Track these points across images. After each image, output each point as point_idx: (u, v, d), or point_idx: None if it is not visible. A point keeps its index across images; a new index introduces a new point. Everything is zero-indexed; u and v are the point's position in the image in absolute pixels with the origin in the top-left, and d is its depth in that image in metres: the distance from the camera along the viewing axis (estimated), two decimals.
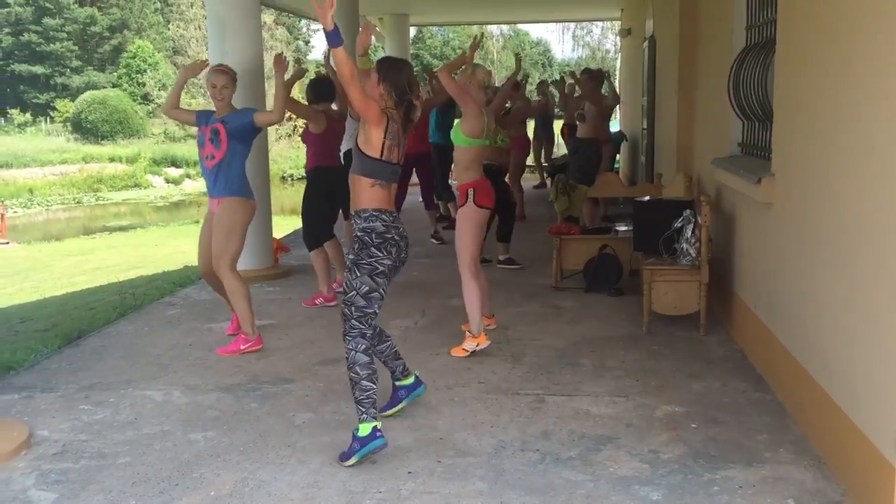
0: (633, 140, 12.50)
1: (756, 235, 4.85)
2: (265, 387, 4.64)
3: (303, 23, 46.56)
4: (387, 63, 3.80)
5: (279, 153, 33.28)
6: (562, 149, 14.79)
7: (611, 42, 35.80)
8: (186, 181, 34.47)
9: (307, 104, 6.55)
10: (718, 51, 6.02)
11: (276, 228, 8.43)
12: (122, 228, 23.67)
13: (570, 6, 17.22)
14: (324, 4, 3.44)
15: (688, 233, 5.42)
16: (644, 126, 10.78)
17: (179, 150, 36.26)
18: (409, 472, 3.52)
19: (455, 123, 5.22)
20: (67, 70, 44.20)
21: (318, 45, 52.92)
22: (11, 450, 3.77)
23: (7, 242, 21.12)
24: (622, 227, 7.03)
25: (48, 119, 40.66)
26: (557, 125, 13.99)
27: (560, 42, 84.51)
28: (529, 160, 12.69)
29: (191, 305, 6.64)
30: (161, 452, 3.79)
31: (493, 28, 49.06)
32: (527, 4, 15.97)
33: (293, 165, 34.68)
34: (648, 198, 6.41)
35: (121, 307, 6.82)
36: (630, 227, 6.55)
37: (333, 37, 3.53)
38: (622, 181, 9.25)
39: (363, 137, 3.73)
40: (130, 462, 3.69)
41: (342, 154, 7.00)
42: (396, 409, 4.13)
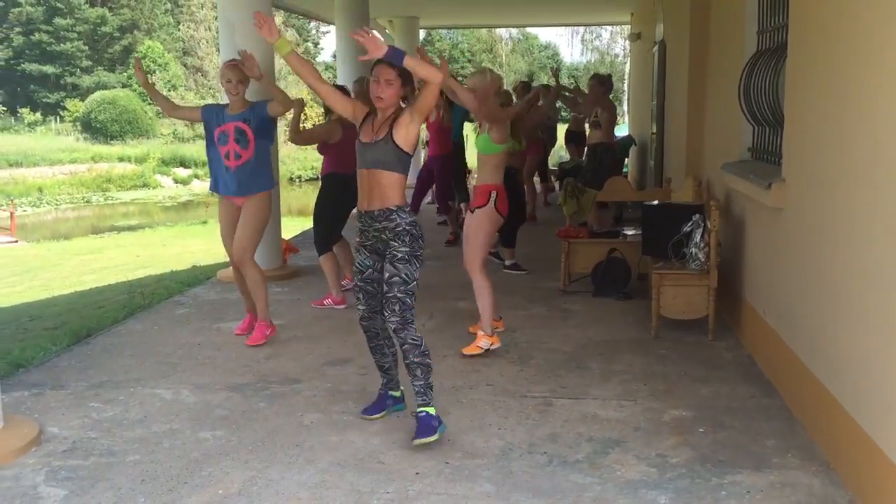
0: (643, 144, 12.49)
1: (765, 240, 4.85)
2: (273, 386, 4.65)
3: (312, 25, 46.67)
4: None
5: (287, 154, 33.37)
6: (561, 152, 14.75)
7: (620, 46, 35.76)
8: (195, 181, 34.61)
9: (322, 122, 6.57)
10: (729, 55, 6.02)
11: (285, 229, 8.45)
12: (131, 228, 23.79)
13: (580, 10, 17.23)
14: (364, 36, 3.56)
15: (697, 237, 5.42)
16: (653, 130, 10.78)
17: (188, 151, 36.43)
18: (417, 473, 3.53)
19: (484, 134, 5.22)
20: (78, 70, 44.42)
21: (327, 48, 53.09)
22: (21, 447, 3.79)
23: (16, 241, 21.22)
24: (631, 231, 7.04)
25: (58, 118, 40.88)
26: (560, 129, 13.93)
27: (569, 46, 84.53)
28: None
29: (199, 305, 6.66)
30: (170, 450, 3.81)
31: (503, 31, 49.10)
32: (536, 8, 15.99)
33: (301, 167, 34.81)
34: (658, 202, 6.41)
35: (130, 306, 6.85)
36: (639, 231, 6.55)
37: (394, 57, 3.68)
38: (631, 185, 9.24)
39: (406, 136, 3.82)
40: (139, 460, 3.71)
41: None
42: (381, 416, 4.18)
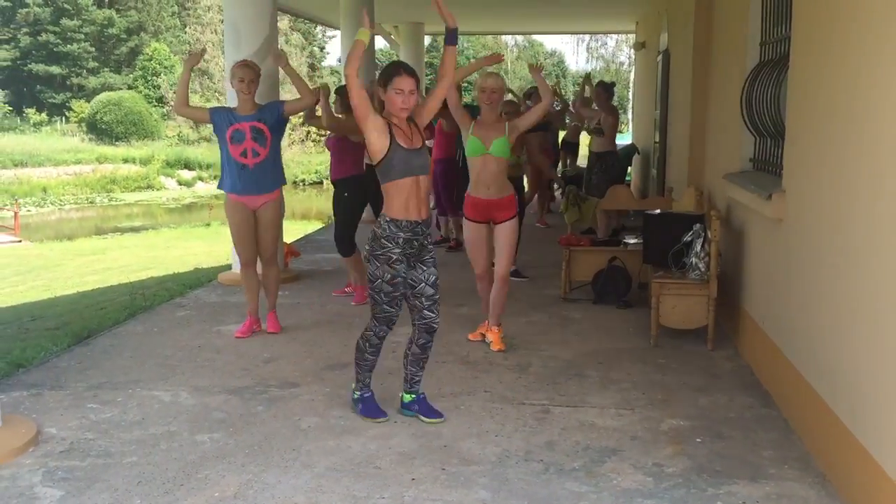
0: (645, 153, 12.50)
1: (765, 251, 4.85)
2: (272, 390, 4.66)
3: (318, 29, 46.74)
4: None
5: (291, 158, 33.44)
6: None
7: (625, 55, 35.81)
8: (199, 183, 34.67)
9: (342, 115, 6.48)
10: (732, 66, 6.03)
11: (288, 233, 8.45)
12: (134, 229, 23.83)
13: (586, 19, 17.26)
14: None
15: (697, 247, 5.42)
16: (656, 139, 10.79)
17: (192, 153, 36.51)
18: (413, 479, 3.53)
19: (503, 139, 5.23)
20: (84, 71, 44.54)
21: (333, 52, 53.15)
22: (19, 446, 3.80)
23: (19, 240, 21.26)
24: (632, 240, 7.04)
25: (63, 119, 40.98)
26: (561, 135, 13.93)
27: (574, 53, 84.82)
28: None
29: (200, 307, 6.68)
30: (167, 452, 3.81)
31: (508, 38, 49.20)
32: (542, 15, 16.01)
33: (305, 170, 34.86)
34: (659, 211, 6.42)
35: (131, 307, 6.86)
36: (640, 240, 6.55)
37: (453, 36, 4.04)
38: (633, 194, 9.25)
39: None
40: (136, 461, 3.72)
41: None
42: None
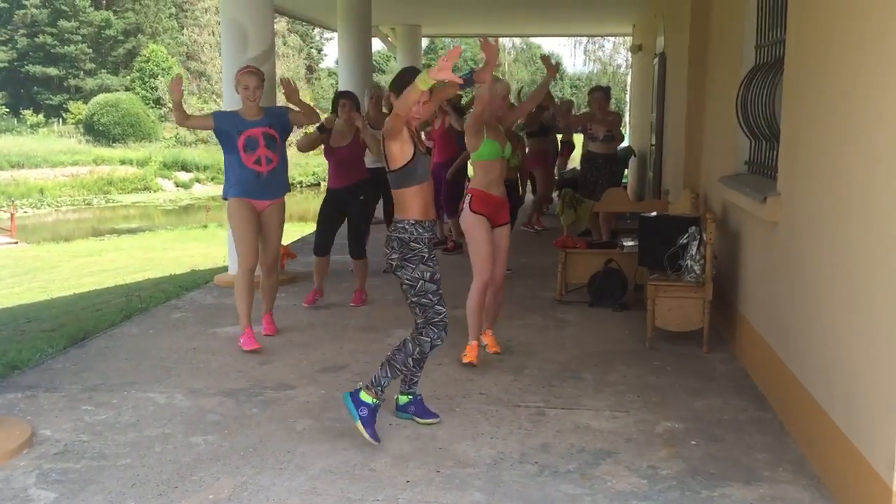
0: (642, 155, 12.51)
1: (761, 254, 4.86)
2: (267, 392, 4.66)
3: (315, 31, 46.76)
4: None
5: (288, 159, 33.37)
6: None
7: (622, 57, 35.81)
8: (196, 185, 34.65)
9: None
10: (727, 69, 6.04)
11: (284, 235, 8.43)
12: (131, 231, 23.81)
13: (583, 21, 17.28)
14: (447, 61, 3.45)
15: (693, 249, 5.43)
16: (652, 142, 10.80)
17: (190, 155, 36.49)
18: (408, 481, 3.53)
19: (507, 142, 5.21)
20: (81, 72, 44.48)
21: (331, 54, 53.14)
22: (13, 448, 3.79)
23: (16, 242, 21.24)
24: (628, 242, 7.05)
25: (61, 120, 40.93)
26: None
27: (572, 56, 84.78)
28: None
29: (196, 309, 6.67)
30: (161, 455, 3.81)
31: (506, 41, 49.20)
32: (539, 18, 16.03)
33: (303, 172, 34.82)
34: (655, 213, 6.43)
35: (127, 309, 6.86)
36: (635, 242, 6.56)
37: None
38: (629, 196, 9.26)
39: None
40: (131, 464, 3.72)
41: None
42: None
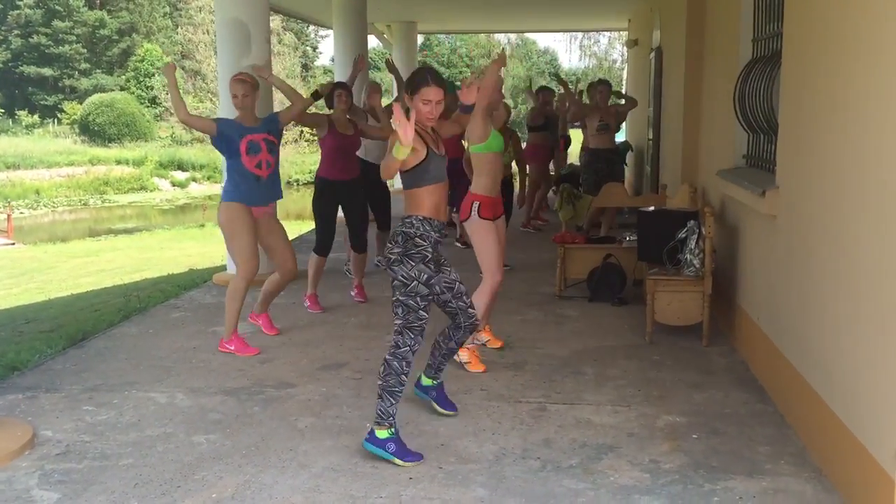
0: (639, 150, 12.51)
1: (760, 247, 4.86)
2: (268, 390, 4.66)
3: (310, 28, 46.68)
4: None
5: (285, 158, 33.26)
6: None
7: (618, 52, 35.81)
8: (192, 185, 34.58)
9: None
10: (724, 63, 6.04)
11: None
12: (128, 231, 23.74)
13: (578, 16, 17.26)
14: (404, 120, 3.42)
15: (692, 243, 5.43)
16: (650, 136, 10.80)
17: (186, 154, 36.39)
18: (411, 478, 3.54)
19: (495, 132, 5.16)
20: (76, 72, 44.34)
21: (326, 51, 53.12)
22: (15, 449, 3.79)
23: (13, 243, 21.19)
24: (628, 237, 7.05)
25: (56, 121, 40.81)
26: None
27: (567, 51, 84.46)
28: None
29: (195, 308, 6.67)
30: (164, 454, 3.81)
31: (501, 36, 49.14)
32: (534, 14, 16.01)
33: (299, 170, 34.77)
34: (653, 208, 6.43)
35: (125, 309, 6.85)
36: (634, 237, 6.56)
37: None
38: (627, 191, 9.26)
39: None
40: (133, 463, 3.71)
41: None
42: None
